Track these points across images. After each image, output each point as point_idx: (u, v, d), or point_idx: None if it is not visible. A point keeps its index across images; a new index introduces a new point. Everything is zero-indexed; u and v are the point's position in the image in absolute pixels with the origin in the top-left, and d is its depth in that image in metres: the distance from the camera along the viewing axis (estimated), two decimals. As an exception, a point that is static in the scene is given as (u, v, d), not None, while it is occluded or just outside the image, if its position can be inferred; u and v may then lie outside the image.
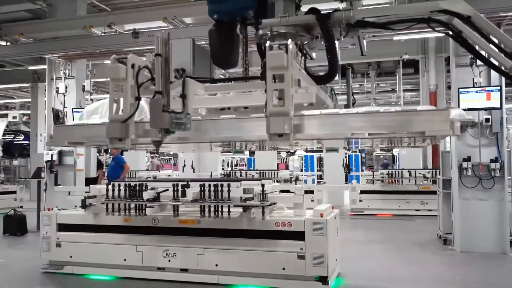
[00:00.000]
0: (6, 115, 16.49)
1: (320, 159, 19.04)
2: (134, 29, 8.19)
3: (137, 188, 5.58)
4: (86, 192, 6.05)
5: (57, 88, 9.42)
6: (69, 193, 6.69)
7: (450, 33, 3.65)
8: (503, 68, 3.64)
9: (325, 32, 3.61)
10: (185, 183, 5.35)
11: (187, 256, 5.56)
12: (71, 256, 6.01)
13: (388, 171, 12.28)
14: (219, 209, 5.20)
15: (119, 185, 5.67)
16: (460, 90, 7.05)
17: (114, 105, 3.51)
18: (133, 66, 3.52)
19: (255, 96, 3.99)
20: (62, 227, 6.12)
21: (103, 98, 18.84)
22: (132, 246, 5.78)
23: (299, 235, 5.20)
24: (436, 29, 3.79)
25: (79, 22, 8.42)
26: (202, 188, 5.28)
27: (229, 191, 5.17)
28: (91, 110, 5.16)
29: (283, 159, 29.28)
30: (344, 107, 4.74)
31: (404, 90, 16.91)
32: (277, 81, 3.19)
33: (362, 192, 12.42)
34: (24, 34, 9.06)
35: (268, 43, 3.37)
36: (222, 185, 5.22)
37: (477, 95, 6.86)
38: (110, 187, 5.68)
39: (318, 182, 16.54)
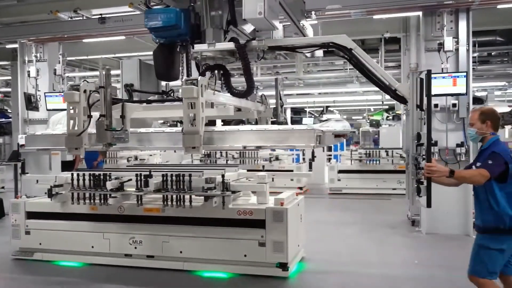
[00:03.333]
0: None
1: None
2: (101, 14, 8.07)
3: (101, 177, 5.63)
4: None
5: (29, 72, 9.28)
6: (37, 181, 6.70)
7: (346, 56, 4.38)
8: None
9: (242, 58, 4.36)
10: (148, 173, 5.40)
11: (152, 243, 5.68)
12: (40, 243, 6.11)
13: (366, 151, 12.39)
14: (181, 198, 5.28)
15: (83, 175, 5.72)
16: (428, 75, 7.06)
17: (71, 122, 4.36)
18: (85, 91, 4.32)
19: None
20: (31, 215, 6.19)
21: (85, 76, 18.36)
22: (99, 234, 5.88)
23: (260, 223, 5.32)
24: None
25: (45, 6, 8.23)
26: (165, 178, 5.34)
27: (190, 181, 5.24)
28: (56, 120, 6.37)
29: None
30: (273, 110, 5.80)
31: (387, 67, 16.81)
32: (192, 107, 3.97)
33: (340, 171, 12.56)
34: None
35: (184, 77, 4.14)
36: (183, 175, 5.28)
37: (444, 81, 6.89)
38: (75, 176, 5.73)
39: (303, 159, 16.63)
